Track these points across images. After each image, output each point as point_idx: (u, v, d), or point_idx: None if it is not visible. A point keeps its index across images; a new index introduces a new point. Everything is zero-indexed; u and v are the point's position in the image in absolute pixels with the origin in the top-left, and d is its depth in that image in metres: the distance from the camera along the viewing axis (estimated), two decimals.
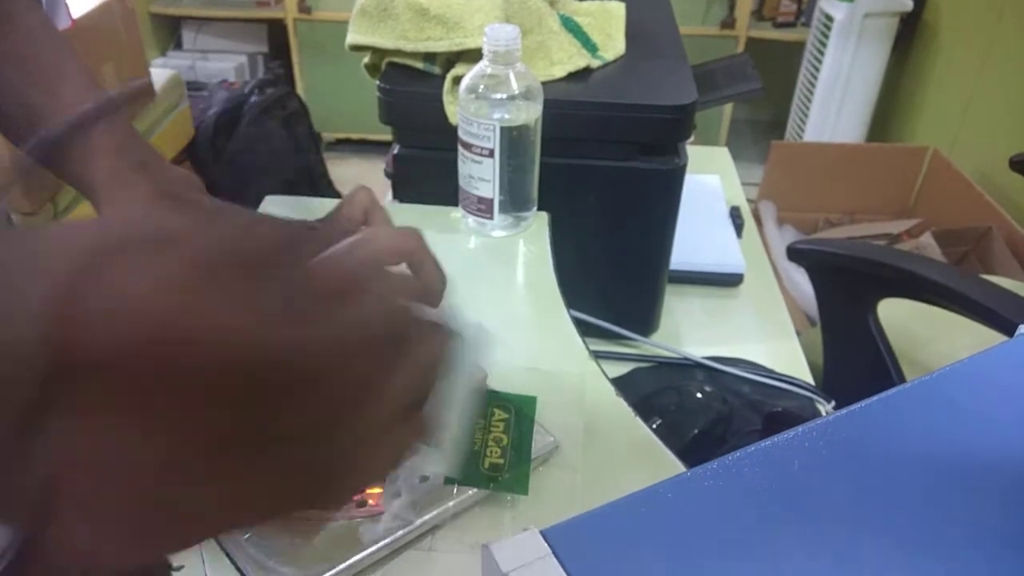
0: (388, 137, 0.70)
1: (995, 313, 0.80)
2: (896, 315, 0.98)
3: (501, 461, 0.44)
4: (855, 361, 1.02)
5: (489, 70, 0.58)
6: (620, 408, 0.53)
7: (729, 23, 2.43)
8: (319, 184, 2.32)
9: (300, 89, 2.60)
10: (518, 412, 0.48)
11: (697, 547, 0.22)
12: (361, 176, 2.53)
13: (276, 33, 2.66)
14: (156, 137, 1.95)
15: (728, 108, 2.59)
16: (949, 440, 0.27)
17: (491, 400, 0.49)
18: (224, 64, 2.59)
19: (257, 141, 2.12)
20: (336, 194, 2.28)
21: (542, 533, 0.22)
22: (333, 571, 0.39)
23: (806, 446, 0.25)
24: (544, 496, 0.44)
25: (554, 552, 0.21)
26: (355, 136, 2.73)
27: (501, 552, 0.21)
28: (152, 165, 0.46)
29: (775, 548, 0.22)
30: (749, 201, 1.15)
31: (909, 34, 2.22)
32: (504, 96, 0.59)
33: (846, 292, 0.99)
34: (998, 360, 0.30)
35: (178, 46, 2.69)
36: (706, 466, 0.24)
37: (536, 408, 0.49)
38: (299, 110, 2.34)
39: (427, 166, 0.71)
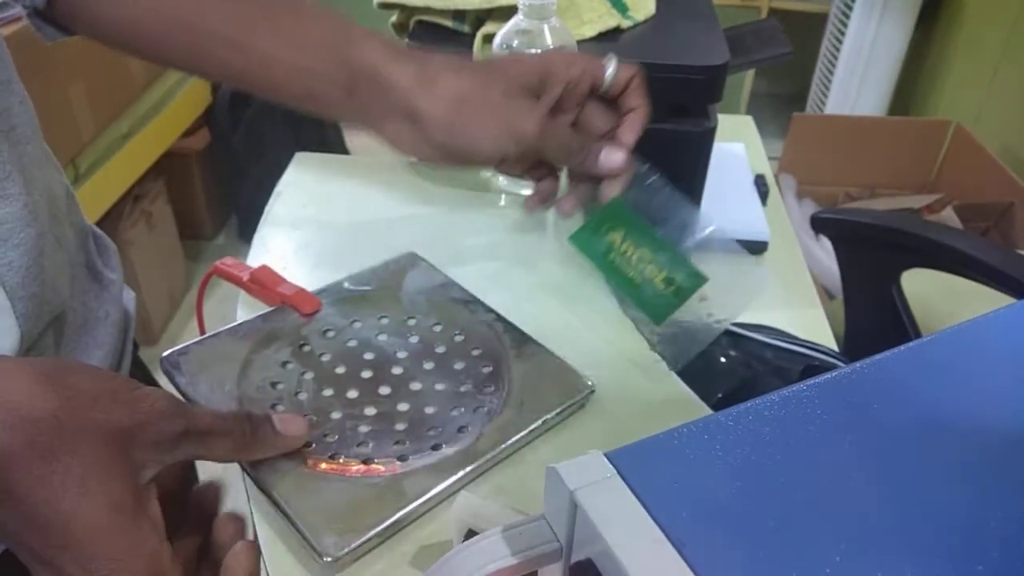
0: None
1: (1022, 284, 0.79)
2: (920, 288, 0.97)
3: (664, 273, 0.50)
4: (877, 333, 1.01)
5: (523, 24, 0.58)
6: (656, 363, 0.53)
7: None
8: (336, 152, 2.32)
9: None
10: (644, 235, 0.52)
11: (760, 471, 0.22)
12: (379, 145, 2.52)
13: None
14: (173, 104, 1.94)
15: (749, 81, 2.56)
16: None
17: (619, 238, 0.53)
18: None
19: (275, 109, 2.11)
20: None
21: (605, 455, 0.22)
22: (420, 501, 0.41)
23: (866, 377, 0.25)
24: (585, 444, 0.44)
25: (619, 472, 0.22)
26: None
27: (567, 471, 0.22)
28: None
29: (839, 473, 0.22)
30: None
31: (934, 6, 2.18)
32: (538, 51, 0.58)
33: (870, 262, 0.98)
34: None
35: None
36: (765, 397, 0.24)
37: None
38: None
39: None
